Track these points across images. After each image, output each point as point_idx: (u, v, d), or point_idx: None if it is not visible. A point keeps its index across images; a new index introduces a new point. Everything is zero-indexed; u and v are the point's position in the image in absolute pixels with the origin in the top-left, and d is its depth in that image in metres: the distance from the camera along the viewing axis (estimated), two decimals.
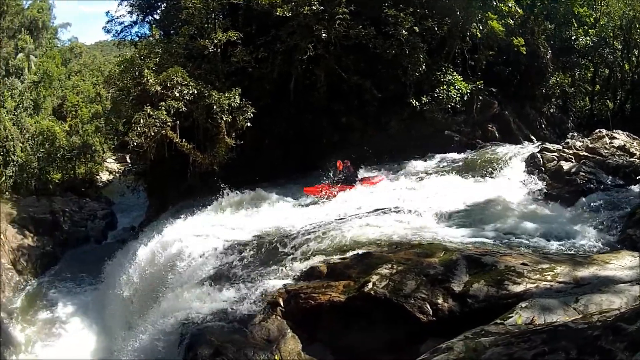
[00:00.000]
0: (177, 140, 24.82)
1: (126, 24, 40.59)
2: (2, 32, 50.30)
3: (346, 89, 26.37)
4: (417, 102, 25.92)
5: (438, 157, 25.06)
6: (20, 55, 55.04)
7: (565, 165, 19.68)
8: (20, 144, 39.47)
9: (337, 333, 10.85)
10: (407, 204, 17.33)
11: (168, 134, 24.50)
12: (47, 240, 32.12)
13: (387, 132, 26.93)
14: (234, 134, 24.94)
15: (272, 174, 24.45)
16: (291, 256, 14.41)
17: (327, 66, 26.13)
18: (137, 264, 19.72)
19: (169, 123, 24.21)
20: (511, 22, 28.72)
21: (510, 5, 27.92)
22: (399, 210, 16.61)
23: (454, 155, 25.07)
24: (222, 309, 12.42)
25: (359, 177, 22.82)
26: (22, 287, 28.17)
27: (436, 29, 26.92)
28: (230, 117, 24.44)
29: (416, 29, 25.66)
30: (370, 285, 10.71)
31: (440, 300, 9.93)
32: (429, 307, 9.87)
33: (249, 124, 24.61)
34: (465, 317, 9.40)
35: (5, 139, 37.57)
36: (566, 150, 20.72)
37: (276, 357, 10.40)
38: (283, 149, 27.02)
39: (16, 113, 43.05)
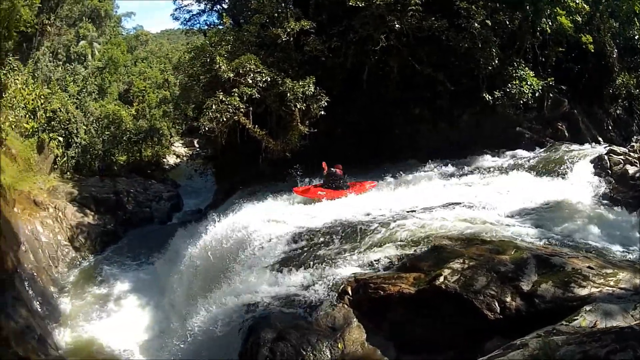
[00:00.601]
0: (250, 126, 25.02)
1: (194, 12, 40.97)
2: (61, 20, 51.03)
3: (419, 80, 26.14)
4: (489, 97, 25.59)
5: (508, 153, 24.80)
6: (82, 42, 56.23)
7: (631, 170, 19.31)
8: (84, 127, 40.15)
9: (402, 326, 10.97)
10: (478, 199, 17.32)
11: (241, 120, 24.69)
12: (108, 219, 32.73)
13: (459, 125, 26.82)
14: (307, 122, 24.82)
15: (344, 163, 23.81)
16: (362, 245, 14.52)
17: (400, 57, 25.91)
18: (203, 245, 19.96)
19: (242, 109, 24.40)
20: (579, 18, 28.11)
21: (577, 0, 27.40)
22: (471, 206, 16.60)
23: (523, 153, 24.75)
24: (289, 294, 12.61)
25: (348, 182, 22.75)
26: (78, 263, 28.62)
27: (507, 22, 26.56)
28: (304, 105, 24.37)
29: (488, 22, 25.32)
30: (441, 278, 10.78)
31: (508, 299, 9.99)
32: (497, 304, 9.94)
33: (322, 112, 24.49)
34: (530, 317, 9.51)
35: (67, 122, 38.21)
36: (632, 154, 20.34)
37: (339, 346, 10.54)
38: (355, 138, 26.95)
39: (79, 97, 44.36)
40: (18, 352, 15.84)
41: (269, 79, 24.61)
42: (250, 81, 24.48)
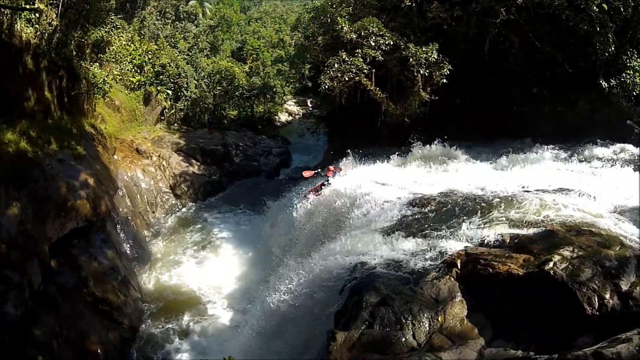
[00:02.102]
0: (371, 88, 24.42)
1: None
2: None
3: (539, 59, 24.72)
4: (605, 84, 23.69)
5: (618, 146, 22.83)
6: (192, 2, 56.87)
7: None
8: (195, 81, 40.72)
9: (503, 308, 10.31)
10: (589, 189, 15.75)
11: (362, 81, 24.11)
12: (214, 170, 33.11)
13: (574, 111, 25.12)
14: (429, 89, 24.07)
15: (461, 134, 23.21)
16: (475, 220, 13.62)
17: (521, 32, 24.53)
18: (312, 202, 19.82)
19: (365, 70, 23.84)
20: None
21: None
22: (582, 194, 15.10)
23: (632, 148, 22.73)
24: (396, 260, 12.15)
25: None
26: (177, 210, 29.05)
27: (621, 9, 24.33)
28: (427, 71, 23.58)
29: (604, 6, 23.20)
30: (551, 264, 10.20)
31: (607, 295, 9.42)
32: (596, 300, 9.37)
33: (444, 80, 23.55)
34: (622, 317, 9.05)
35: (177, 76, 38.84)
36: None
37: (440, 319, 10.12)
38: (473, 110, 25.66)
39: (190, 53, 45.15)
40: (95, 292, 15.89)
41: (391, 43, 23.98)
42: (373, 44, 23.97)
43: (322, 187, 20.39)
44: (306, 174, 22.42)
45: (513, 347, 9.22)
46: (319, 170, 22.25)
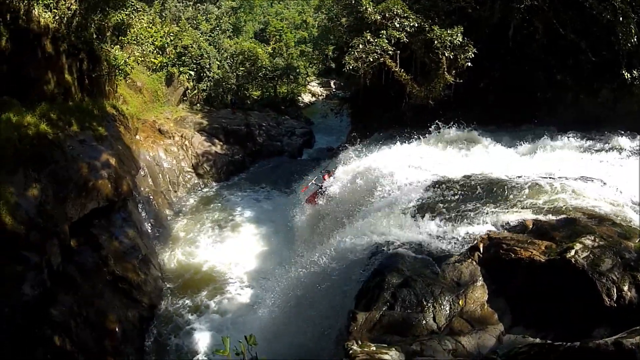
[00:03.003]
0: (396, 69, 24.29)
1: None
2: None
3: (563, 46, 24.33)
4: (628, 74, 23.20)
5: (639, 137, 22.68)
6: None
7: None
8: (217, 62, 40.73)
9: (524, 294, 10.25)
10: (611, 180, 15.45)
11: (387, 62, 23.96)
12: (237, 150, 33.25)
13: (597, 99, 24.73)
14: (453, 72, 23.90)
15: (484, 118, 23.14)
16: (498, 204, 13.57)
17: (545, 18, 24.11)
18: (336, 181, 19.82)
19: (389, 51, 23.69)
20: None
21: None
22: (604, 184, 14.85)
23: None
24: (418, 241, 12.11)
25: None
26: (199, 189, 29.24)
27: None
28: (451, 54, 23.38)
29: None
30: (572, 252, 10.05)
31: (625, 288, 9.29)
32: (615, 291, 9.25)
33: (469, 63, 23.34)
34: (637, 310, 8.95)
35: (199, 57, 38.90)
36: None
37: (460, 302, 10.11)
38: (496, 95, 25.43)
39: (212, 35, 44.73)
40: (115, 270, 15.99)
41: (416, 25, 23.78)
42: (397, 25, 23.80)
43: (317, 196, 20.52)
44: (303, 190, 22.40)
45: (532, 334, 9.15)
46: (313, 181, 22.10)
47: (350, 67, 23.66)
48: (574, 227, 11.36)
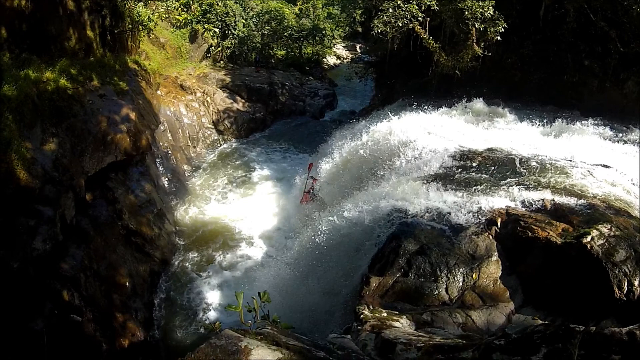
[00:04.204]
0: (424, 36, 24.11)
1: None
2: None
3: (592, 32, 23.93)
4: None
5: None
6: None
7: None
8: (243, 20, 40.30)
9: (537, 274, 10.33)
10: (631, 171, 15.21)
11: (416, 29, 23.82)
12: (259, 108, 33.17)
13: (622, 90, 24.21)
14: (482, 44, 23.65)
15: (509, 94, 22.96)
16: (518, 181, 13.54)
17: (576, 3, 23.57)
18: (358, 144, 19.61)
19: (419, 18, 23.50)
20: None
21: None
22: (624, 174, 14.70)
23: None
24: (436, 210, 12.18)
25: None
26: (218, 145, 29.34)
27: None
28: (482, 26, 22.98)
29: None
30: (589, 238, 10.05)
31: (636, 282, 9.30)
32: (626, 284, 9.27)
33: (499, 37, 22.98)
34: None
35: (225, 15, 38.39)
36: None
37: (474, 276, 10.25)
38: (524, 72, 25.16)
39: None
40: (130, 224, 16.11)
41: None
42: None
43: (311, 193, 20.46)
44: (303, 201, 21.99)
45: (541, 317, 9.21)
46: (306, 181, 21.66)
47: (379, 31, 23.48)
48: (591, 213, 11.33)
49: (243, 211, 21.50)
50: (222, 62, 38.06)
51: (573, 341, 4.25)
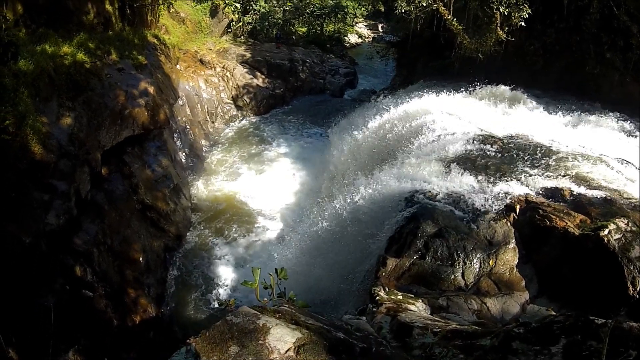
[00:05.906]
0: (448, 17, 23.82)
1: None
2: None
3: (616, 25, 23.60)
4: None
5: None
6: None
7: None
8: None
9: (553, 264, 10.21)
10: None
11: (439, 9, 23.66)
12: (279, 84, 33.12)
13: None
14: (505, 29, 23.42)
15: (529, 82, 22.71)
16: (538, 168, 13.43)
17: None
18: (379, 123, 19.55)
19: None
20: None
21: None
22: None
23: None
24: (455, 193, 12.12)
25: None
26: (237, 120, 29.39)
27: None
28: (506, 10, 22.77)
29: None
30: (606, 231, 9.95)
31: None
32: (639, 281, 9.15)
33: (522, 23, 22.79)
34: None
35: None
36: None
37: (490, 262, 10.19)
38: (546, 60, 25.08)
39: None
40: (145, 199, 16.12)
41: None
42: None
43: None
44: None
45: (555, 308, 9.06)
46: None
47: (402, 11, 23.23)
48: (609, 206, 11.24)
49: (260, 188, 21.50)
50: (242, 37, 37.90)
51: (602, 335, 4.09)
